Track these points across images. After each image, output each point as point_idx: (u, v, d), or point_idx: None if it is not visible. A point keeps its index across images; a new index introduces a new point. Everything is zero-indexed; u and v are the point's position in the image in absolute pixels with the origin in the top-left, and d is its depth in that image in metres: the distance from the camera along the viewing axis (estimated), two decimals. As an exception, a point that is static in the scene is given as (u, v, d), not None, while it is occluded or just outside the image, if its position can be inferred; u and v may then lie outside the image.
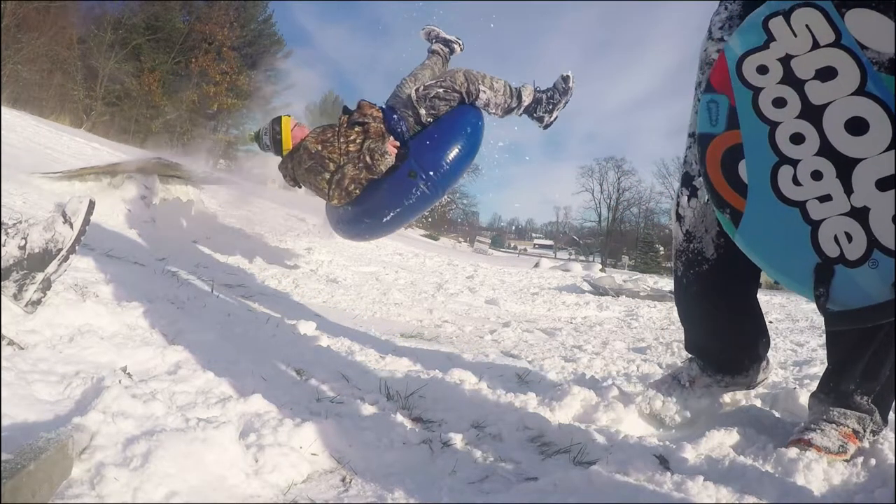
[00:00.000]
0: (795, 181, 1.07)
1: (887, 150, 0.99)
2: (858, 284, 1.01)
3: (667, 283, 8.23)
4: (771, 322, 4.02)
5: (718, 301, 1.37)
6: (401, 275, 5.47)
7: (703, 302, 1.40)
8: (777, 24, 1.11)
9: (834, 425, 1.17)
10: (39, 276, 1.34)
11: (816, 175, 1.05)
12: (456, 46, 3.77)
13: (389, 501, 0.88)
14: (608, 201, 52.09)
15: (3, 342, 1.17)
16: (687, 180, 1.36)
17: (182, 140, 35.54)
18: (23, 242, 1.33)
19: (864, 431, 1.18)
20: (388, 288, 4.02)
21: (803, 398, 1.48)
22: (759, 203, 1.10)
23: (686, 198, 1.35)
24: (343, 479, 0.95)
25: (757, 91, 1.12)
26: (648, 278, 9.88)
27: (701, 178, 1.30)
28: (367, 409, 1.27)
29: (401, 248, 8.98)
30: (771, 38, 1.12)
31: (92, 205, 1.47)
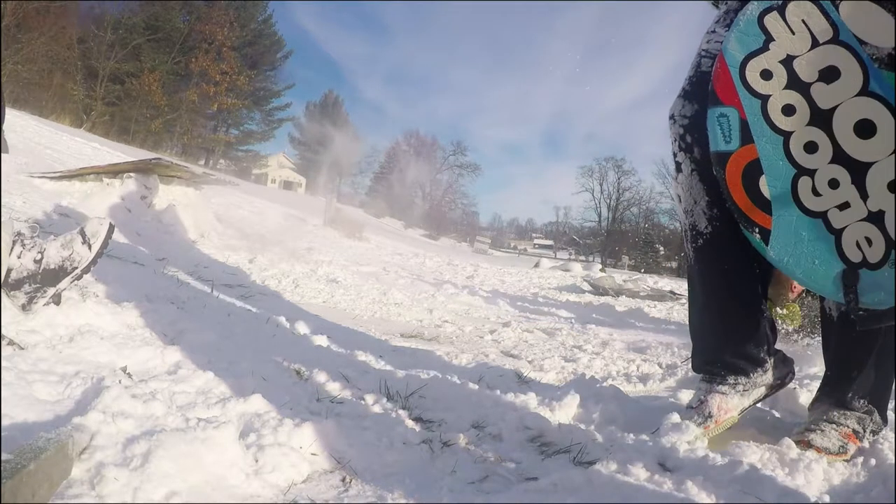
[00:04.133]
0: (815, 192, 1.06)
1: (895, 151, 0.99)
2: (882, 285, 1.02)
3: (667, 283, 8.23)
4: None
5: (719, 279, 1.27)
6: (401, 275, 5.47)
7: (703, 281, 1.30)
8: (773, 22, 1.09)
9: (834, 426, 1.17)
10: (51, 291, 1.35)
11: (833, 183, 1.04)
12: None
13: (389, 501, 0.88)
14: (608, 201, 52.17)
15: (3, 342, 1.17)
16: (673, 158, 1.33)
17: (182, 140, 35.59)
18: (39, 257, 1.33)
19: (864, 431, 1.18)
20: (388, 288, 4.02)
21: (803, 398, 1.48)
22: (785, 219, 1.09)
23: (675, 174, 1.32)
24: (343, 479, 0.95)
25: (765, 99, 1.10)
26: (648, 278, 9.88)
27: (675, 163, 1.29)
28: (367, 409, 1.27)
29: (401, 248, 8.98)
30: (769, 37, 1.09)
31: (112, 228, 1.48)
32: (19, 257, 1.31)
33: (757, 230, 1.10)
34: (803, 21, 1.06)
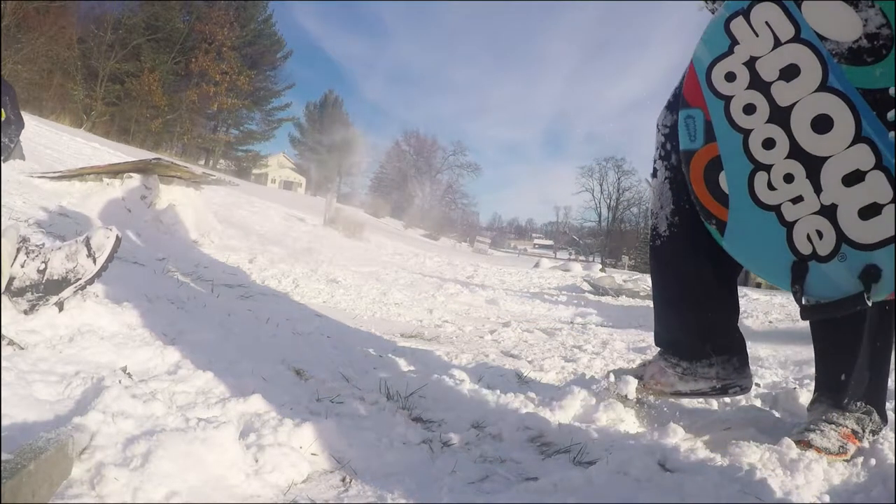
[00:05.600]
0: (770, 186, 1.11)
1: (851, 145, 1.02)
2: (830, 278, 1.06)
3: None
4: (771, 322, 4.01)
5: (669, 277, 1.40)
6: (401, 275, 5.47)
7: (656, 276, 1.43)
8: (738, 26, 1.14)
9: (833, 426, 1.17)
10: (53, 299, 1.35)
11: (788, 178, 1.09)
12: None
13: (389, 501, 0.88)
14: (608, 201, 52.24)
15: (3, 342, 1.17)
16: (653, 163, 1.44)
17: (182, 140, 35.61)
18: (42, 266, 1.32)
19: (864, 431, 1.18)
20: (388, 288, 4.02)
21: (803, 398, 1.48)
22: (740, 211, 1.15)
23: (651, 178, 1.43)
24: (343, 479, 0.95)
25: (728, 100, 1.15)
26: (648, 278, 9.88)
27: (653, 168, 1.39)
28: (367, 409, 1.27)
29: (401, 248, 8.97)
30: (735, 41, 1.14)
31: (118, 240, 1.46)
32: (22, 266, 1.31)
33: (714, 221, 1.18)
34: (766, 23, 1.10)
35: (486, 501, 0.90)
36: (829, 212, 1.04)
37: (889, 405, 1.28)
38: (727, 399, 1.61)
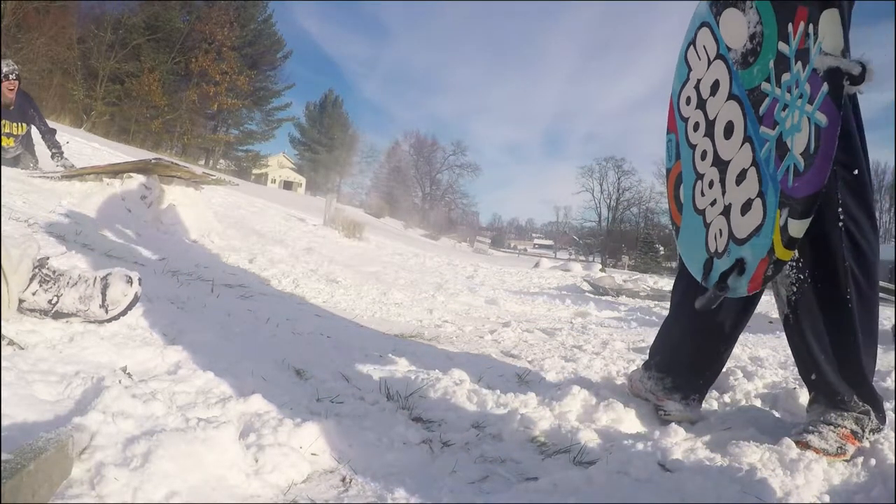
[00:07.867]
0: (702, 193, 1.21)
1: (742, 145, 1.09)
2: (718, 273, 1.13)
3: (667, 283, 8.22)
4: (771, 322, 4.01)
5: (679, 315, 1.49)
6: (401, 275, 5.47)
7: (671, 311, 1.53)
8: (691, 54, 1.25)
9: (831, 427, 1.17)
10: (61, 321, 1.35)
11: (711, 184, 1.18)
12: None
13: (389, 501, 0.88)
14: (608, 201, 52.34)
15: (3, 342, 1.17)
16: None
17: (182, 140, 35.60)
18: (54, 300, 1.33)
19: (863, 431, 1.18)
20: (388, 288, 4.02)
21: (803, 398, 1.48)
22: (686, 216, 1.27)
23: None
24: (343, 479, 0.95)
25: (687, 121, 1.26)
26: (648, 278, 9.88)
27: None
28: (367, 409, 1.27)
29: (401, 248, 8.97)
30: (690, 68, 1.25)
31: (136, 299, 1.43)
32: (34, 294, 1.30)
33: (674, 227, 1.32)
34: (704, 46, 1.20)
35: (486, 501, 0.90)
36: (727, 211, 1.12)
37: (889, 405, 1.28)
38: (727, 399, 1.61)
